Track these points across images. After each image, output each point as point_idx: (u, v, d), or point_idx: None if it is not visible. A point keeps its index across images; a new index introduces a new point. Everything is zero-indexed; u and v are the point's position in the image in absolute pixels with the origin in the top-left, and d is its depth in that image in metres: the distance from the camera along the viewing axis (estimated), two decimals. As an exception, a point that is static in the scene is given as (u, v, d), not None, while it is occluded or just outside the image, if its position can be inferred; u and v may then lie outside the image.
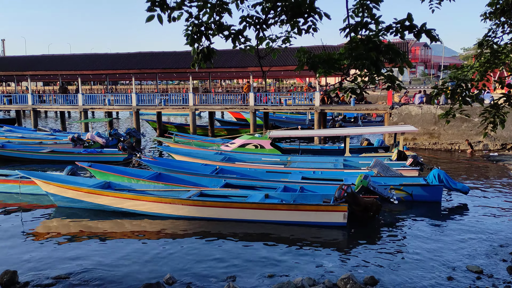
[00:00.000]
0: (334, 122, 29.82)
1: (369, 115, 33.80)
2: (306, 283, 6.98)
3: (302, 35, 4.30)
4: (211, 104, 27.15)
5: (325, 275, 7.75)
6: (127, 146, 19.82)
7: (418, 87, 47.75)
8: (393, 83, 4.25)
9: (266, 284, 7.40)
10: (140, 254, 8.93)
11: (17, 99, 30.54)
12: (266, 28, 4.34)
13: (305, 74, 42.59)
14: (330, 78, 50.23)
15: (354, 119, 32.51)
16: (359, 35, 4.20)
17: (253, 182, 13.20)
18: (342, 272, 7.74)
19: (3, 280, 7.35)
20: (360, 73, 4.34)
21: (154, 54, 30.09)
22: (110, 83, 49.20)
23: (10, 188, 13.68)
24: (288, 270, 8.02)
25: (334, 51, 4.64)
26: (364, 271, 7.96)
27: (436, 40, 4.04)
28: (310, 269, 8.10)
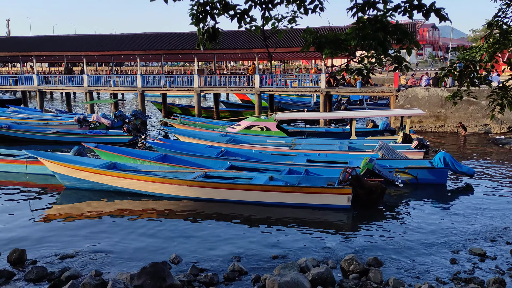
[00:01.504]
0: (340, 104, 29.66)
1: (375, 98, 33.57)
2: (310, 264, 7.05)
3: (309, 15, 4.23)
4: (216, 86, 27.05)
5: (329, 257, 7.83)
6: (132, 128, 19.87)
7: (425, 69, 47.24)
8: (400, 64, 4.19)
9: (270, 265, 7.48)
10: (145, 234, 9.03)
11: (22, 80, 30.55)
12: (272, 8, 4.28)
13: (311, 56, 42.19)
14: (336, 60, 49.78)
15: (360, 101, 32.31)
16: (367, 15, 4.13)
17: (258, 165, 13.23)
18: (346, 254, 7.80)
19: (12, 258, 7.48)
20: (367, 54, 4.28)
21: (159, 35, 29.87)
22: (115, 64, 49.10)
23: (17, 168, 13.81)
24: (292, 252, 8.10)
25: (341, 32, 4.57)
26: (368, 252, 8.02)
27: (445, 20, 3.96)
28: (314, 250, 8.17)
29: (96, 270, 7.01)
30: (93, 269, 7.14)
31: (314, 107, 29.90)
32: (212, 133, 18.77)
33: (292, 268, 6.76)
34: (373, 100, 33.92)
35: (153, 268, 6.10)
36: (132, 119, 22.53)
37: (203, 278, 6.71)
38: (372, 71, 4.43)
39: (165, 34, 29.90)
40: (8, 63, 57.77)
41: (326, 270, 6.60)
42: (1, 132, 20.62)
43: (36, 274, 6.83)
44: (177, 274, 6.83)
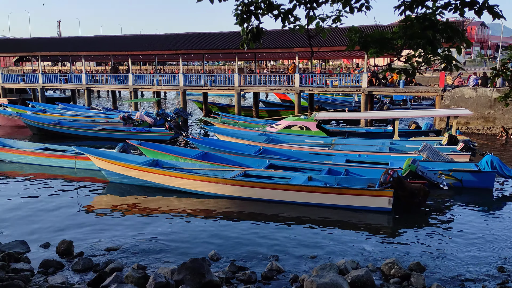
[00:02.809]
0: (382, 104, 29.02)
1: (419, 98, 32.61)
2: (349, 266, 6.95)
3: (354, 14, 4.17)
4: (256, 85, 27.14)
5: (368, 259, 7.69)
6: (173, 126, 20.29)
7: (474, 68, 45.38)
8: (450, 63, 4.04)
9: (308, 265, 7.44)
10: (185, 230, 9.21)
11: (72, 79, 31.87)
12: (317, 7, 4.24)
13: (352, 55, 41.54)
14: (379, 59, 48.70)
15: (403, 101, 31.49)
16: (415, 13, 4.01)
17: (297, 164, 13.18)
18: (386, 257, 7.64)
19: (60, 249, 7.83)
20: (414, 53, 4.16)
21: (201, 35, 30.33)
22: (159, 64, 50.31)
23: (66, 163, 14.45)
24: (331, 253, 8.02)
25: (387, 30, 4.47)
26: (409, 257, 7.81)
27: (499, 17, 3.77)
28: (353, 252, 8.06)
29: (138, 263, 7.22)
30: (135, 262, 7.36)
31: (355, 106, 29.44)
32: (251, 132, 18.87)
33: (331, 270, 6.69)
34: (417, 100, 32.97)
35: (193, 264, 6.21)
36: (174, 117, 23.01)
37: (241, 275, 6.77)
38: (419, 71, 4.30)
39: (207, 34, 30.32)
40: (58, 62, 60.40)
41: (366, 273, 6.48)
42: (52, 128, 21.66)
43: (83, 265, 7.12)
44: (216, 271, 6.92)
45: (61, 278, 6.42)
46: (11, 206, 10.81)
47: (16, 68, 65.13)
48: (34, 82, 32.45)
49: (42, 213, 10.26)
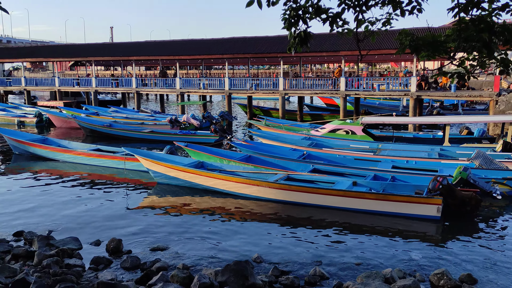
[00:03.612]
0: (432, 109, 28.08)
1: (471, 102, 31.26)
2: (395, 275, 6.76)
3: (405, 17, 4.07)
4: (301, 89, 27.06)
5: (416, 269, 7.45)
6: (218, 129, 20.58)
7: (532, 72, 42.90)
8: (506, 67, 3.85)
9: (353, 272, 7.31)
10: (229, 232, 9.31)
11: (123, 83, 33.13)
12: (366, 10, 4.18)
13: (400, 58, 40.50)
14: (428, 62, 47.15)
15: (454, 106, 30.31)
16: (469, 15, 3.86)
17: (341, 169, 13.00)
18: (434, 267, 7.37)
19: (110, 246, 8.14)
20: (468, 56, 4.00)
21: (247, 39, 30.65)
22: (205, 68, 51.26)
23: (117, 164, 15.02)
24: (376, 261, 7.83)
25: (439, 33, 4.33)
26: (459, 268, 7.49)
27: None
28: (399, 261, 7.83)
29: (183, 263, 7.37)
30: (180, 262, 7.52)
31: (403, 111, 28.66)
32: (295, 135, 18.81)
33: (376, 278, 6.54)
34: (470, 105, 31.64)
35: (236, 266, 6.27)
36: (219, 120, 23.37)
37: (284, 280, 6.75)
38: (474, 74, 4.13)
39: (253, 38, 30.59)
40: (110, 66, 62.94)
41: (414, 283, 6.28)
42: (104, 130, 22.60)
43: (131, 263, 7.36)
44: (259, 274, 6.94)
45: (111, 275, 6.66)
46: (64, 204, 11.37)
47: (71, 72, 68.54)
48: (87, 86, 34.01)
49: (93, 212, 10.72)
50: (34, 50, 42.34)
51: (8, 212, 10.62)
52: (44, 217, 10.27)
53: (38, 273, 6.44)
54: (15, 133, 18.76)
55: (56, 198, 11.86)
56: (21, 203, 11.42)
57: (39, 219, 10.16)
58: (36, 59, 42.07)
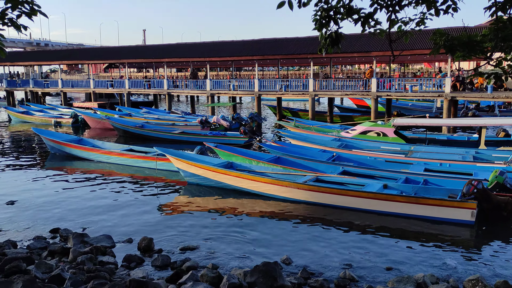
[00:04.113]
0: (467, 110, 27.27)
1: (509, 104, 30.18)
2: (428, 280, 6.61)
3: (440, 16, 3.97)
4: (331, 90, 26.83)
5: (449, 274, 7.25)
6: (248, 130, 20.67)
7: None
8: (546, 67, 3.71)
9: (383, 276, 7.19)
10: (258, 232, 9.33)
11: (155, 84, 33.77)
12: (399, 10, 4.10)
13: (433, 59, 39.55)
14: (463, 63, 45.81)
15: (490, 108, 29.32)
16: (507, 13, 3.73)
17: (372, 171, 12.80)
18: (468, 273, 7.16)
19: (141, 245, 8.30)
20: (506, 56, 3.86)
21: (276, 40, 30.65)
22: (235, 69, 51.60)
23: (148, 164, 15.33)
24: (408, 265, 7.67)
25: (475, 32, 4.21)
26: (494, 274, 7.25)
27: None
28: (432, 266, 7.64)
29: (213, 263, 7.44)
30: (210, 262, 7.60)
31: (436, 113, 27.97)
32: (324, 137, 18.67)
33: (408, 283, 6.41)
34: (507, 107, 30.55)
35: (265, 267, 6.28)
36: (248, 122, 23.46)
37: (313, 282, 6.71)
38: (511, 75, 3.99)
39: (283, 39, 30.57)
40: (143, 68, 64.25)
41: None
42: (136, 131, 23.10)
43: (161, 262, 7.49)
44: (288, 276, 6.93)
45: (142, 273, 6.80)
46: (98, 202, 11.68)
47: (105, 74, 70.41)
48: (121, 88, 34.84)
49: (125, 210, 10.97)
50: (70, 53, 43.74)
51: (45, 210, 11.01)
52: (79, 215, 10.59)
53: (73, 270, 6.65)
54: (52, 133, 19.43)
55: (90, 197, 12.21)
56: (57, 201, 11.81)
57: (74, 216, 10.49)
58: (72, 62, 43.46)
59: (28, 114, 31.56)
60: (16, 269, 6.36)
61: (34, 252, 7.83)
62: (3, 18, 4.11)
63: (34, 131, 19.30)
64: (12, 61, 41.33)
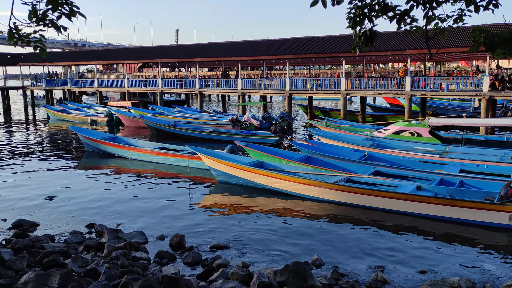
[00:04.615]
0: (506, 110, 26.29)
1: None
2: (464, 285, 6.41)
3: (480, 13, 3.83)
4: (364, 89, 26.43)
5: (486, 279, 7.01)
6: (278, 129, 20.62)
7: None
8: None
9: (416, 280, 7.03)
10: (288, 232, 9.30)
11: (187, 83, 34.23)
12: (437, 7, 3.98)
13: (471, 57, 38.31)
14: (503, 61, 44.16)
15: (531, 107, 28.18)
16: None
17: (405, 172, 12.53)
18: (505, 279, 6.90)
19: (173, 242, 8.44)
20: (550, 53, 3.69)
21: (308, 39, 30.45)
22: (266, 68, 51.65)
23: (180, 162, 15.57)
24: (442, 268, 7.47)
25: (518, 29, 4.05)
26: (536, 281, 6.95)
27: None
28: (467, 270, 7.41)
29: (243, 261, 7.48)
30: (240, 260, 7.63)
31: (474, 112, 27.10)
32: (356, 136, 18.41)
33: (442, 287, 6.24)
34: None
35: (295, 267, 6.26)
36: (279, 121, 23.41)
37: (344, 283, 6.63)
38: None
39: (314, 38, 30.34)
40: (175, 68, 65.23)
41: (483, 294, 5.92)
42: (168, 129, 23.49)
43: (193, 259, 7.59)
44: (318, 276, 6.87)
45: (174, 269, 6.91)
46: (131, 199, 11.95)
47: (139, 74, 71.91)
48: (154, 87, 35.49)
49: (158, 207, 11.17)
50: (105, 53, 44.92)
51: (81, 205, 11.36)
52: (113, 211, 10.87)
53: (107, 264, 6.83)
54: (88, 131, 20.02)
55: (124, 193, 12.50)
56: (92, 197, 12.17)
57: (108, 212, 10.78)
58: (108, 62, 44.65)
59: (65, 112, 32.66)
60: (53, 263, 6.59)
61: (70, 246, 8.09)
62: (44, 19, 4.26)
63: (71, 129, 19.94)
64: (51, 61, 42.84)
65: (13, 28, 4.29)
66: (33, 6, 4.23)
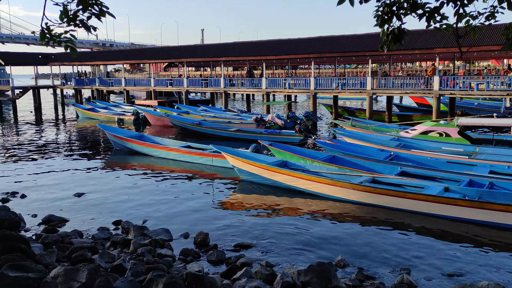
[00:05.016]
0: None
1: None
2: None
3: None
4: (390, 89, 26.00)
5: (517, 285, 6.80)
6: (303, 129, 20.52)
7: None
8: None
9: (444, 283, 6.87)
10: (312, 232, 9.25)
11: (212, 83, 34.46)
12: (468, 4, 3.88)
13: (503, 55, 37.17)
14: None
15: None
16: None
17: (432, 173, 12.26)
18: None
19: (197, 239, 8.51)
20: None
21: (333, 38, 30.20)
22: (291, 67, 51.47)
23: (205, 160, 15.71)
24: (470, 272, 7.28)
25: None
26: None
27: None
28: (497, 274, 7.21)
29: (266, 261, 7.47)
30: (263, 259, 7.63)
31: (505, 112, 26.30)
32: (382, 136, 18.14)
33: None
34: None
35: (320, 267, 6.21)
36: (303, 120, 23.30)
37: (369, 285, 6.54)
38: None
39: (340, 36, 30.06)
40: (200, 67, 65.76)
41: (514, 300, 5.74)
42: (193, 128, 23.72)
43: (216, 257, 7.63)
44: (342, 277, 6.81)
45: (198, 267, 6.97)
46: (156, 196, 12.12)
47: (165, 73, 72.82)
48: (179, 86, 35.88)
49: (182, 205, 11.29)
50: (133, 53, 45.70)
51: (108, 202, 11.59)
52: (139, 208, 11.04)
53: (133, 260, 6.95)
54: (115, 129, 20.41)
55: (149, 191, 12.69)
56: (119, 194, 12.40)
57: (134, 209, 10.96)
58: (135, 61, 45.40)
59: (93, 111, 33.40)
60: (81, 258, 6.75)
61: (98, 242, 8.27)
62: (75, 20, 4.37)
63: (99, 127, 20.37)
64: (81, 61, 43.86)
65: (45, 28, 4.40)
66: (64, 7, 4.33)
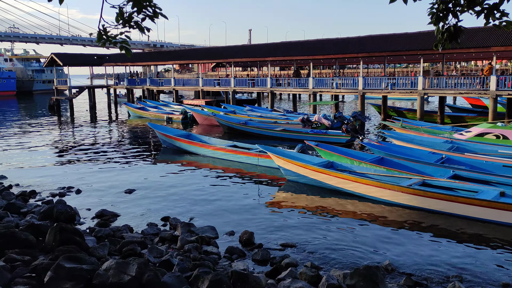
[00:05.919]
0: None
1: None
2: (554, 303, 5.85)
3: None
4: (443, 89, 25.00)
5: None
6: (350, 129, 20.17)
7: None
8: None
9: (499, 293, 6.53)
10: (359, 235, 9.08)
11: (258, 83, 34.62)
12: (530, -1, 3.66)
13: None
14: None
15: None
16: None
17: (487, 177, 11.67)
18: None
19: (243, 238, 8.58)
20: None
21: (383, 36, 29.46)
22: (338, 67, 50.78)
23: (251, 160, 15.81)
24: (529, 283, 6.87)
25: None
26: None
27: None
28: (560, 288, 6.75)
29: (311, 262, 7.41)
30: (308, 260, 7.58)
31: None
32: (433, 138, 17.46)
33: (529, 304, 5.74)
34: None
35: (366, 271, 6.09)
36: (351, 121, 22.90)
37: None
38: None
39: (390, 35, 29.28)
40: (247, 67, 66.27)
41: None
42: (240, 127, 23.95)
43: (261, 256, 7.67)
44: (390, 282, 6.63)
45: (243, 265, 7.03)
46: (203, 194, 12.33)
47: (212, 73, 74.00)
48: (227, 86, 36.32)
49: (228, 203, 11.43)
50: (182, 54, 46.74)
51: (157, 199, 11.93)
52: (186, 205, 11.29)
53: (180, 256, 7.12)
54: (164, 128, 20.98)
55: (196, 189, 12.94)
56: (167, 191, 12.73)
57: (181, 206, 11.22)
58: (184, 62, 46.39)
59: (144, 110, 34.51)
60: (131, 252, 7.00)
61: (147, 237, 8.54)
62: (130, 21, 4.54)
63: (149, 125, 21.02)
64: (133, 62, 45.43)
65: (102, 30, 4.60)
66: (120, 9, 4.50)
